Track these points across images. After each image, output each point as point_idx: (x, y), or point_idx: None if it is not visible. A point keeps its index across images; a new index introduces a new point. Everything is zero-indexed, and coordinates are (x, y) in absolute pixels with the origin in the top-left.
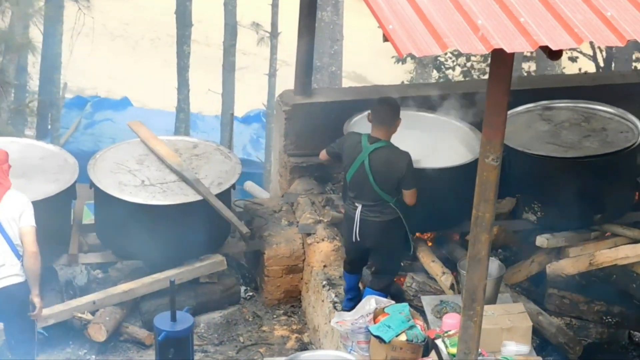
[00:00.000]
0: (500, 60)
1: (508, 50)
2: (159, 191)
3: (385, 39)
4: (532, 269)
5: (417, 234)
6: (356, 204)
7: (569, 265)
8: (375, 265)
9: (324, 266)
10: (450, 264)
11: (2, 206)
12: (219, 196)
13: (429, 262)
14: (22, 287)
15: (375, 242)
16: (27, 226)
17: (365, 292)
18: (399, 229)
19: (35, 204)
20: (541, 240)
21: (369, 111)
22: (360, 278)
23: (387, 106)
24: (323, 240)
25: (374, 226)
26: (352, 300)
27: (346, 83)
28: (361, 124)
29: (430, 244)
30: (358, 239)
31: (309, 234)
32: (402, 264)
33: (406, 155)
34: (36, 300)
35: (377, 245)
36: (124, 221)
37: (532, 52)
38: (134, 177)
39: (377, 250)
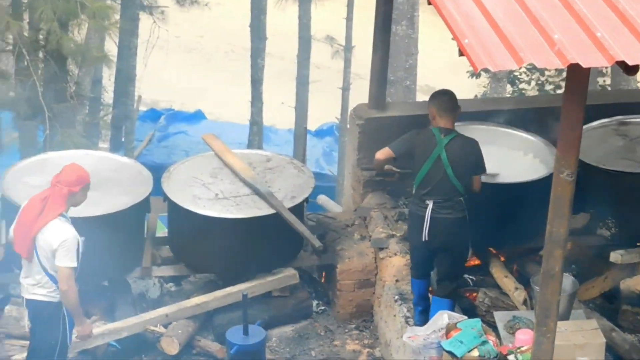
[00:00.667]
0: (576, 75)
1: (584, 65)
2: (233, 204)
3: (461, 53)
4: (605, 285)
5: (491, 249)
6: (427, 202)
7: None
8: (441, 268)
9: (396, 281)
10: (524, 280)
11: (43, 236)
12: (292, 210)
13: (501, 277)
14: (48, 306)
15: (445, 242)
16: (59, 265)
17: (433, 301)
18: (466, 227)
19: (109, 216)
20: (615, 256)
21: (430, 106)
22: (429, 284)
23: (448, 95)
24: (395, 254)
25: (445, 224)
26: (423, 313)
27: (420, 97)
28: None
29: (503, 259)
30: (427, 238)
31: (381, 248)
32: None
33: (475, 140)
34: (78, 329)
35: (447, 245)
36: (197, 234)
37: (607, 67)
38: (207, 191)
39: (445, 251)
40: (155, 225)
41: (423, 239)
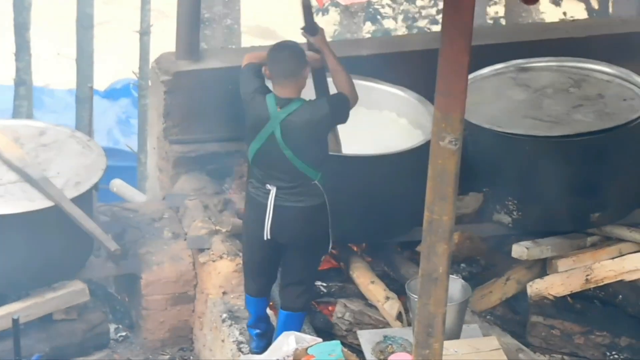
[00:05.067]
0: (457, 6)
1: None
2: None
3: None
4: (507, 290)
5: (351, 245)
6: (268, 186)
7: (558, 283)
8: (289, 270)
9: (224, 293)
10: (397, 286)
11: None
12: (77, 201)
13: (366, 284)
14: None
15: (294, 237)
16: None
17: (279, 319)
18: (323, 217)
19: None
20: (519, 249)
21: (264, 66)
22: (270, 301)
23: (287, 52)
24: (221, 257)
25: (294, 214)
26: (262, 336)
27: (248, 41)
28: None
29: (368, 259)
30: (269, 236)
31: (202, 250)
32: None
33: (324, 102)
34: None
35: (296, 242)
36: None
37: None
38: None
39: (295, 250)
40: None
41: (265, 236)
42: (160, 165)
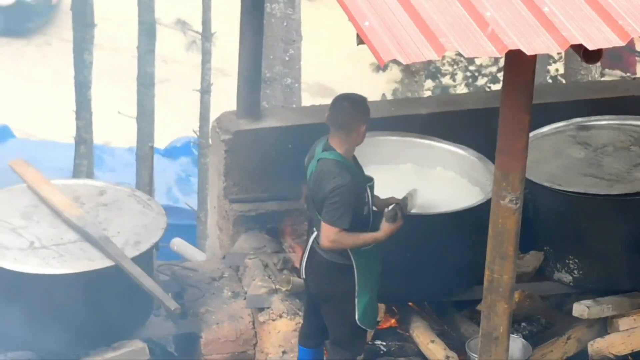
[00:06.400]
0: (518, 64)
1: (528, 52)
2: (54, 255)
3: (360, 41)
4: (568, 349)
5: (410, 304)
6: (313, 229)
7: (619, 342)
8: (327, 327)
9: (283, 352)
10: (457, 345)
11: None
12: (137, 260)
13: (426, 343)
14: None
15: (317, 286)
16: None
17: None
18: (347, 280)
19: None
20: (580, 308)
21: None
22: (322, 355)
23: (347, 103)
24: (281, 316)
25: (320, 262)
26: None
27: (308, 100)
28: None
29: (427, 317)
30: (304, 275)
31: (261, 309)
32: (359, 340)
33: (338, 179)
34: None
35: (319, 292)
36: (8, 298)
37: (560, 53)
38: (18, 237)
39: (322, 303)
40: None
41: (302, 276)
42: (220, 224)
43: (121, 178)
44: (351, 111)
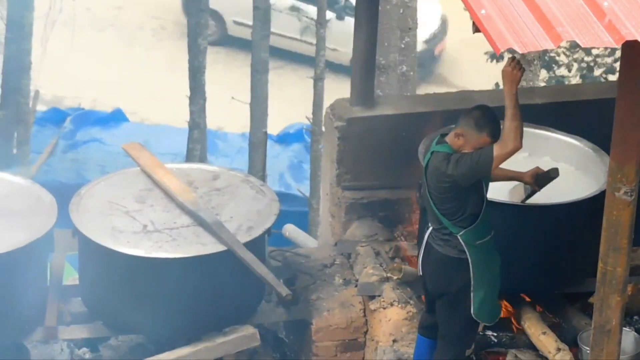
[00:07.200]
0: (635, 56)
1: None
2: (167, 239)
3: (477, 29)
4: None
5: (523, 295)
6: (429, 224)
7: None
8: (438, 322)
9: (394, 341)
10: (568, 337)
11: None
12: (249, 245)
13: (538, 335)
14: None
15: (433, 281)
16: None
17: None
18: (462, 274)
19: None
20: None
21: None
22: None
23: (477, 111)
24: (392, 304)
25: (436, 257)
26: None
27: (423, 88)
28: None
29: (540, 309)
30: (421, 272)
31: (372, 297)
32: (470, 334)
33: (444, 152)
34: None
35: (434, 287)
36: (120, 281)
37: None
38: (132, 221)
39: (440, 298)
40: (62, 270)
41: (419, 273)
42: (332, 211)
43: (234, 164)
44: (474, 118)
